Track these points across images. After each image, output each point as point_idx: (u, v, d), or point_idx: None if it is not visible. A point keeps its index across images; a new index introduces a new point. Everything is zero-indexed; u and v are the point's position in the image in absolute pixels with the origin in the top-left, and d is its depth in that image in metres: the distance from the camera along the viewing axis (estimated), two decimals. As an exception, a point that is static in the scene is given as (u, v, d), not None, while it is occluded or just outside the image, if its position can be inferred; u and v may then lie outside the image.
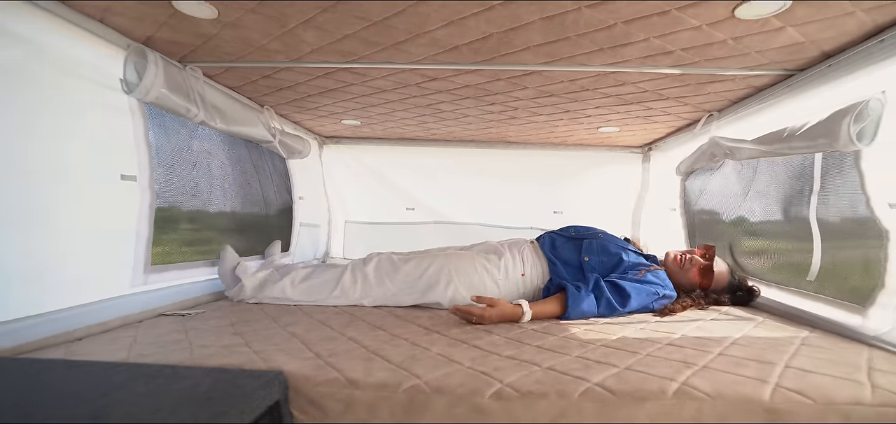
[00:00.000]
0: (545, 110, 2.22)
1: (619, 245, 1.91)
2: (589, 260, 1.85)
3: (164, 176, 1.67)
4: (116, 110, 1.49)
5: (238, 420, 0.83)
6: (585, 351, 1.18)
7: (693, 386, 0.94)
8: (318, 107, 2.32)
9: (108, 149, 1.46)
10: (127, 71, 1.52)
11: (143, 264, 1.60)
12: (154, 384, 0.93)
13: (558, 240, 1.96)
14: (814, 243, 1.54)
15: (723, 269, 1.95)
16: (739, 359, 1.12)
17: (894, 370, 1.05)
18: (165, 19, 1.38)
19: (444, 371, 1.04)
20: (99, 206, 1.43)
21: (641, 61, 1.56)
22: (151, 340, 1.31)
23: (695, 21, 1.26)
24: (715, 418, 0.89)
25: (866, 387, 0.94)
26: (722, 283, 1.93)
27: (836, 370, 1.04)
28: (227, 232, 2.06)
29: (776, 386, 0.94)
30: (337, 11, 1.28)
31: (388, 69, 1.74)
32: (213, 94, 1.87)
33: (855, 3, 1.12)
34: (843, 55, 1.38)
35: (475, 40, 1.44)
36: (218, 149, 2.01)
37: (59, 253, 1.32)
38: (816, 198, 1.54)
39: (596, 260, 1.86)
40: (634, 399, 0.91)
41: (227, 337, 1.33)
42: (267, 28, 1.41)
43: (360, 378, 0.99)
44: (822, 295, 1.53)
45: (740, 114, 1.97)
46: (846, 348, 1.23)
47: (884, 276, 1.28)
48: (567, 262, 1.86)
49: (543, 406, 0.92)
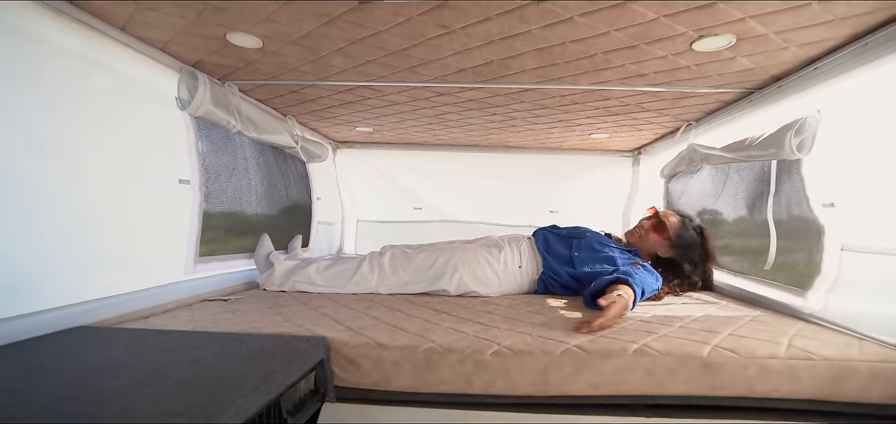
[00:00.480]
0: (541, 120, 2.48)
1: (602, 242, 2.14)
2: (578, 256, 2.09)
3: (209, 180, 1.93)
4: (174, 123, 1.76)
5: (298, 370, 1.09)
6: (568, 325, 1.43)
7: (649, 347, 1.20)
8: (335, 116, 2.59)
9: (168, 158, 1.73)
10: (180, 90, 1.79)
11: (193, 256, 1.86)
12: (227, 345, 1.19)
13: (551, 237, 2.20)
14: (770, 238, 1.79)
15: (673, 218, 2.15)
16: (693, 330, 1.37)
17: (812, 336, 1.30)
18: (217, 48, 1.64)
19: (454, 337, 1.30)
20: (161, 206, 1.70)
21: (621, 81, 1.81)
22: (207, 318, 1.56)
23: (661, 52, 1.51)
24: (663, 369, 1.14)
25: (783, 346, 1.20)
26: (678, 228, 2.11)
27: (766, 336, 1.29)
28: (258, 228, 2.31)
29: (714, 347, 1.19)
30: (364, 43, 1.54)
31: (402, 87, 2.00)
32: (247, 107, 2.13)
33: (787, 40, 1.37)
34: (788, 78, 1.64)
35: (478, 65, 1.70)
36: (250, 155, 2.27)
37: (130, 246, 1.58)
38: (772, 200, 1.79)
39: (584, 255, 2.10)
40: (602, 356, 1.17)
41: (269, 316, 1.59)
42: (302, 55, 1.67)
43: (386, 341, 1.25)
44: (775, 282, 1.78)
45: (714, 123, 2.22)
46: (785, 322, 1.48)
47: (820, 265, 1.53)
48: (558, 257, 2.11)
49: (531, 361, 1.17)
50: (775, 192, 1.78)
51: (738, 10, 1.22)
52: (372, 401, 1.23)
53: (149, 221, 1.65)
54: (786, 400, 1.14)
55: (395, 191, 3.49)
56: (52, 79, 1.30)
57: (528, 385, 1.17)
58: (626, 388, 1.16)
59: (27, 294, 1.25)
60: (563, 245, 2.16)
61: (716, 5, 1.19)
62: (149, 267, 1.67)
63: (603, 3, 1.21)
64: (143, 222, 1.63)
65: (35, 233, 1.25)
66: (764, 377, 1.14)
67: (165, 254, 1.75)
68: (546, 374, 1.17)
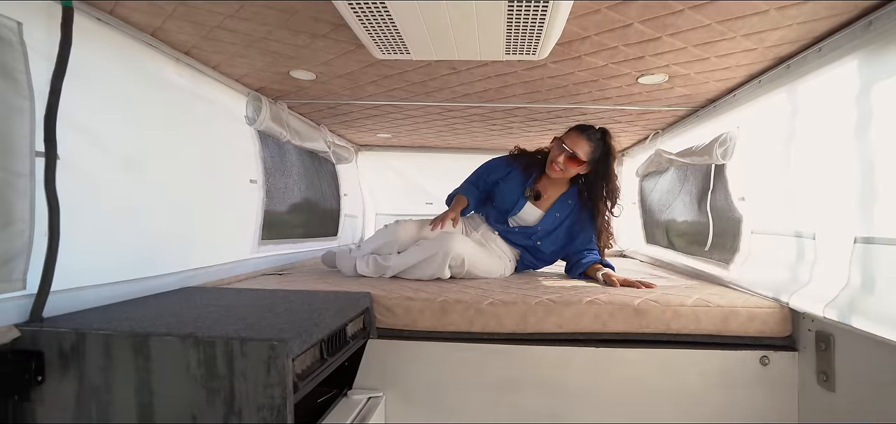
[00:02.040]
0: (533, 129, 2.97)
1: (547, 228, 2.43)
2: (540, 244, 2.43)
3: (269, 179, 2.45)
4: (245, 136, 2.28)
5: (353, 310, 1.60)
6: (547, 287, 1.93)
7: (598, 299, 1.70)
8: (361, 125, 3.09)
9: (241, 163, 2.25)
10: (248, 109, 2.30)
11: (257, 239, 2.38)
12: (303, 297, 1.70)
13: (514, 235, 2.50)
14: (709, 225, 2.27)
15: (584, 145, 2.22)
16: (636, 293, 1.87)
17: (717, 293, 1.79)
18: (279, 79, 2.15)
19: (461, 294, 1.80)
20: (237, 201, 2.22)
21: (593, 102, 2.30)
22: (275, 284, 2.08)
23: (617, 84, 2.00)
24: (606, 314, 1.64)
25: (693, 297, 1.69)
26: (590, 152, 2.23)
27: (685, 293, 1.78)
28: (303, 218, 2.84)
29: (643, 299, 1.69)
30: (393, 78, 2.05)
31: (419, 105, 2.50)
32: (293, 120, 2.64)
33: (706, 77, 1.86)
34: (718, 101, 2.13)
35: (479, 91, 2.19)
36: (296, 159, 2.78)
37: (215, 231, 2.10)
38: (710, 195, 2.27)
39: (546, 241, 2.42)
40: (565, 304, 1.67)
41: (320, 283, 2.10)
42: (344, 84, 2.18)
43: (412, 295, 1.76)
44: (711, 259, 2.27)
45: (675, 132, 2.71)
46: (708, 286, 1.97)
47: (738, 244, 2.02)
48: (528, 249, 2.47)
49: (515, 308, 1.68)
50: (712, 190, 2.27)
51: (662, 60, 1.71)
52: (403, 338, 1.73)
53: (228, 212, 2.18)
54: (692, 335, 1.64)
55: (410, 188, 4.00)
56: (168, 105, 1.81)
57: (513, 325, 1.68)
58: (581, 327, 1.66)
59: (154, 263, 1.76)
60: (524, 236, 2.45)
61: (645, 58, 1.69)
62: (228, 247, 2.19)
63: (566, 57, 1.70)
64: (225, 213, 2.15)
65: (158, 220, 1.77)
66: (676, 319, 1.63)
67: (239, 237, 2.28)
68: (525, 317, 1.67)
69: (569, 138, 2.27)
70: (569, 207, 2.39)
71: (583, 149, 2.23)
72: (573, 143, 2.24)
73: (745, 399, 1.61)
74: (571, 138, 2.26)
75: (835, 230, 1.46)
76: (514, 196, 2.44)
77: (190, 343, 1.13)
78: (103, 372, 1.16)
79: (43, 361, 1.17)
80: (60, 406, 1.17)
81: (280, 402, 1.11)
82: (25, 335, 1.17)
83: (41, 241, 1.22)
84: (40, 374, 1.17)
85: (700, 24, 1.41)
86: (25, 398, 1.17)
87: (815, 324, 1.51)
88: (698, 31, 1.46)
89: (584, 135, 2.25)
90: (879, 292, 1.28)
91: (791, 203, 1.73)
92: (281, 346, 1.10)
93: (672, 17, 1.37)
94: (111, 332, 1.16)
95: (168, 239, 1.82)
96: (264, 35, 1.62)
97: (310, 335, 1.25)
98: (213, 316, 1.35)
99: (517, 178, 2.47)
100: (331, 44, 1.68)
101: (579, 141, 2.24)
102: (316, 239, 3.07)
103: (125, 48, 1.56)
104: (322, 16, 1.45)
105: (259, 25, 1.54)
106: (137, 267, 1.64)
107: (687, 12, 1.35)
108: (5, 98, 1.14)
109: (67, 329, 1.18)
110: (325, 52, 1.76)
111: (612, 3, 1.32)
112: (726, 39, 1.51)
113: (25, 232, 1.18)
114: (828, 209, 1.51)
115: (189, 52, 1.79)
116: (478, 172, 2.63)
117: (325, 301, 1.62)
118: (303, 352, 1.21)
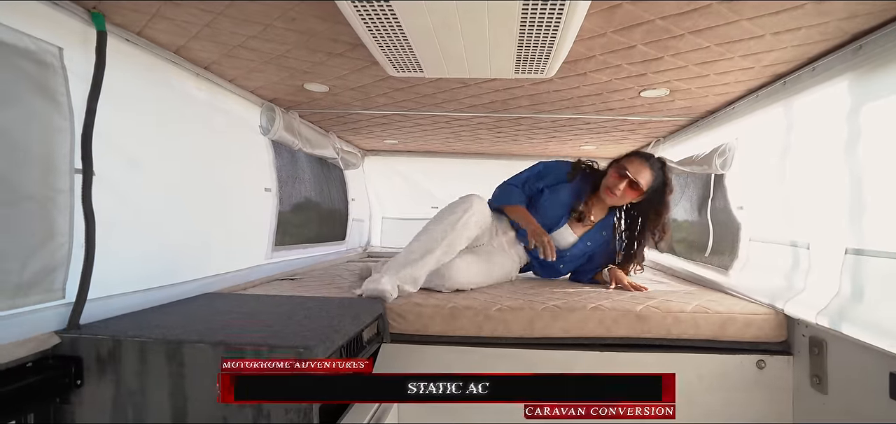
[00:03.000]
0: (538, 136, 3.05)
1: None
2: (562, 267, 2.37)
3: (282, 187, 2.52)
4: (259, 146, 2.36)
5: (368, 317, 1.67)
6: (553, 293, 2.01)
7: (601, 305, 1.77)
8: (369, 131, 3.17)
9: (256, 172, 2.33)
10: (262, 119, 2.37)
11: (271, 245, 2.46)
12: (318, 305, 1.77)
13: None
14: (709, 232, 2.35)
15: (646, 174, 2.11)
16: (635, 296, 1.94)
17: (716, 299, 1.86)
18: (293, 91, 2.22)
19: (470, 301, 1.87)
20: (253, 208, 2.30)
21: (596, 112, 2.38)
22: (287, 291, 2.15)
23: (620, 97, 2.08)
24: (610, 319, 1.71)
25: (693, 303, 1.77)
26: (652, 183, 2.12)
27: (685, 299, 1.86)
28: (313, 223, 2.91)
29: (645, 305, 1.77)
30: (403, 91, 2.12)
31: (428, 115, 2.58)
32: (304, 128, 2.72)
33: (705, 92, 1.94)
34: (718, 113, 2.20)
35: (486, 102, 2.27)
36: (306, 166, 2.86)
37: (231, 238, 2.18)
38: (710, 202, 2.35)
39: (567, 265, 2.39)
40: (570, 310, 1.74)
41: (332, 290, 2.18)
42: (356, 96, 2.25)
43: (423, 301, 1.84)
44: (711, 265, 2.34)
45: (677, 140, 2.78)
46: (706, 293, 2.05)
47: (737, 252, 2.10)
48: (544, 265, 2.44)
49: (522, 314, 1.75)
50: (713, 198, 2.34)
51: (664, 76, 1.78)
52: (414, 342, 1.81)
53: (243, 220, 2.25)
54: (691, 339, 1.71)
55: (416, 192, 4.08)
56: (189, 118, 1.89)
57: (520, 330, 1.76)
58: (586, 332, 1.74)
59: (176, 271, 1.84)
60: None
61: (648, 75, 1.76)
62: (243, 253, 2.27)
63: (572, 73, 1.78)
64: (240, 220, 2.23)
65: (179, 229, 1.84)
66: (676, 324, 1.71)
67: (254, 244, 2.36)
68: (532, 323, 1.75)
69: (632, 165, 2.11)
70: (602, 238, 2.29)
71: (645, 178, 2.10)
72: (637, 171, 2.10)
73: (742, 401, 1.69)
74: (635, 166, 2.11)
75: (827, 241, 1.54)
76: (558, 213, 2.27)
77: (221, 350, 1.21)
78: (139, 377, 1.24)
79: (82, 366, 1.25)
80: (98, 408, 1.25)
81: (306, 406, 1.18)
82: (65, 341, 1.25)
83: (77, 252, 1.30)
84: (79, 378, 1.24)
85: (700, 46, 1.49)
86: (66, 400, 1.25)
87: (809, 330, 1.59)
88: (698, 52, 1.54)
89: (647, 164, 2.12)
90: (867, 301, 1.36)
91: (787, 213, 1.80)
92: (306, 352, 1.18)
93: (673, 40, 1.45)
94: (146, 339, 1.24)
95: (189, 247, 1.90)
96: (283, 53, 1.69)
97: (331, 341, 1.33)
98: (238, 322, 1.43)
99: (565, 193, 2.30)
100: (346, 61, 1.75)
101: (643, 169, 2.11)
102: (325, 244, 3.14)
103: (151, 67, 1.63)
104: (341, 37, 1.53)
105: (279, 45, 1.62)
106: (162, 275, 1.72)
107: (687, 36, 1.42)
108: (49, 119, 1.21)
109: (105, 335, 1.25)
110: (340, 68, 1.83)
111: (618, 28, 1.40)
112: (725, 59, 1.59)
113: (65, 245, 1.26)
114: (821, 220, 1.59)
115: (209, 67, 1.86)
116: (532, 172, 2.38)
117: (340, 307, 1.70)
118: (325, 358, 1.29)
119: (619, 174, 2.11)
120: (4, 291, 1.12)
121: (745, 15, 1.28)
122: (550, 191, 2.31)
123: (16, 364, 1.14)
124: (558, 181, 2.32)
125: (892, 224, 1.30)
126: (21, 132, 1.16)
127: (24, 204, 1.17)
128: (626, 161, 2.14)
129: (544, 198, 2.30)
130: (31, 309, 1.20)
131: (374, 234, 4.13)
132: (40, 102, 1.20)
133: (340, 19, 1.34)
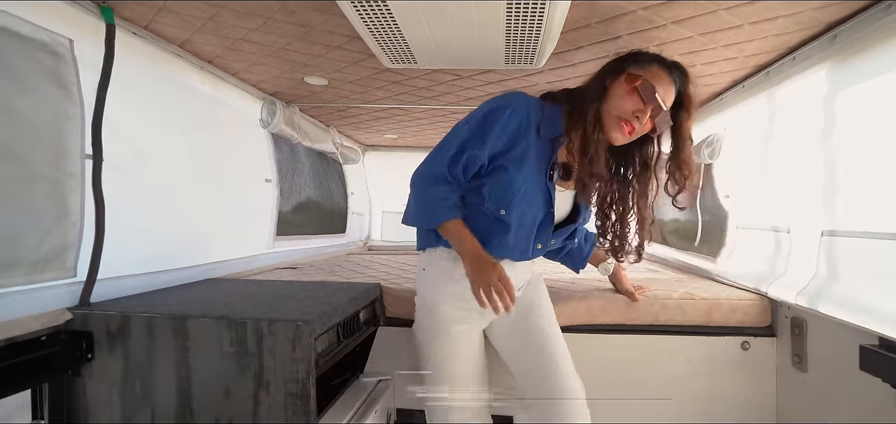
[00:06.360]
0: (533, 130, 3.11)
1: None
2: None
3: (282, 179, 2.59)
4: (260, 139, 2.42)
5: (364, 300, 1.74)
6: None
7: (591, 294, 1.83)
8: (369, 126, 3.23)
9: (259, 164, 2.40)
10: (263, 113, 2.44)
11: (272, 235, 2.53)
12: (317, 287, 1.84)
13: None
14: (698, 221, 2.40)
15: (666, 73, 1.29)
16: (630, 283, 2.00)
17: (702, 286, 1.92)
18: (293, 85, 2.29)
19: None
20: (254, 198, 2.37)
21: (589, 105, 2.43)
22: (288, 277, 2.22)
23: (610, 89, 2.13)
24: (598, 307, 1.77)
25: (680, 290, 1.83)
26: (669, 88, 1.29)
27: (673, 286, 1.92)
28: (313, 216, 2.98)
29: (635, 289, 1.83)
30: (401, 84, 2.18)
31: (425, 109, 2.64)
32: (304, 123, 2.78)
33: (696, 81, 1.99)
34: (707, 104, 2.26)
35: (482, 95, 2.33)
36: (306, 159, 2.93)
37: (234, 228, 2.25)
38: (700, 193, 2.40)
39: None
40: (561, 299, 1.80)
41: (332, 276, 2.24)
42: (355, 89, 2.32)
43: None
44: (700, 253, 2.40)
45: (669, 133, 2.83)
46: (695, 280, 2.10)
47: (724, 239, 2.15)
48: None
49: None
50: (702, 187, 2.40)
51: (652, 68, 1.84)
52: (410, 325, 1.86)
53: (245, 209, 2.32)
54: (679, 325, 1.77)
55: (415, 187, 4.13)
56: (192, 110, 1.95)
57: (512, 313, 1.81)
58: (576, 320, 1.79)
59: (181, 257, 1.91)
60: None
61: (635, 66, 1.82)
62: (245, 242, 2.34)
63: (562, 65, 1.84)
64: (242, 210, 2.30)
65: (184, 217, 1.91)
66: (664, 311, 1.77)
67: (255, 233, 2.42)
68: (523, 306, 1.81)
69: (657, 78, 1.26)
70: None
71: (670, 98, 1.30)
72: (666, 91, 1.27)
73: (727, 382, 1.75)
74: (661, 78, 1.27)
75: (805, 224, 1.60)
76: (540, 200, 1.36)
77: (224, 324, 1.27)
78: (146, 351, 1.31)
79: (92, 341, 1.32)
80: (108, 381, 1.32)
81: (304, 376, 1.25)
82: (77, 317, 1.32)
83: (87, 234, 1.37)
84: (90, 352, 1.32)
85: (683, 36, 1.54)
86: (77, 373, 1.32)
87: (791, 312, 1.64)
88: (682, 42, 1.59)
89: (670, 76, 1.29)
90: (841, 280, 1.42)
91: (770, 199, 1.86)
92: (305, 326, 1.25)
93: (657, 31, 1.51)
94: (153, 315, 1.31)
95: (192, 235, 1.97)
96: (283, 46, 1.76)
97: (329, 318, 1.40)
98: (240, 302, 1.50)
99: (537, 153, 1.33)
100: (344, 53, 1.82)
101: (669, 87, 1.29)
102: (325, 236, 3.21)
103: (157, 60, 1.70)
104: (338, 29, 1.59)
105: (279, 37, 1.68)
106: (167, 260, 1.79)
107: (670, 26, 1.48)
108: (61, 106, 1.28)
109: (114, 311, 1.32)
110: (339, 60, 1.90)
111: (602, 19, 1.46)
112: (709, 49, 1.64)
113: (77, 226, 1.33)
114: (800, 205, 1.65)
115: (212, 60, 1.93)
116: (469, 133, 1.34)
117: (338, 290, 1.76)
118: (323, 333, 1.36)
119: (644, 96, 1.25)
120: (22, 266, 1.19)
121: (722, 4, 1.34)
122: (516, 166, 1.30)
123: (32, 337, 1.21)
124: (524, 136, 1.31)
125: (862, 204, 1.35)
126: (36, 117, 1.23)
127: (39, 184, 1.24)
128: (649, 73, 1.26)
129: (508, 178, 1.31)
130: (46, 286, 1.27)
131: (375, 228, 4.20)
132: (53, 90, 1.27)
133: (337, 11, 1.40)
